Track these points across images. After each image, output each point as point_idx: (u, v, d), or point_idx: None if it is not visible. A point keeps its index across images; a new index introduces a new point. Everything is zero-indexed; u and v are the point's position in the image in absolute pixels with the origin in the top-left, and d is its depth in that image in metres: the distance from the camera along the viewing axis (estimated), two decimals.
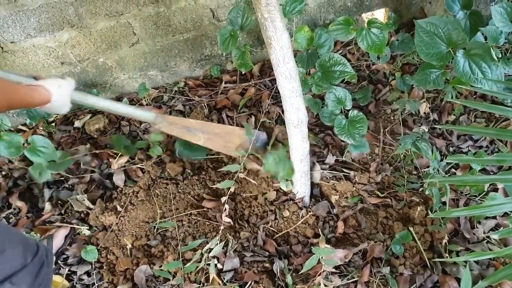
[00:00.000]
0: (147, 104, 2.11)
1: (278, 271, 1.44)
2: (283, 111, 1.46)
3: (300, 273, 1.40)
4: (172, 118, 1.54)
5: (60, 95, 1.14)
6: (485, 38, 1.61)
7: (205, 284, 1.43)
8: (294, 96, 1.35)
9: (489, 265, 1.41)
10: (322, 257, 1.32)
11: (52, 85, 1.13)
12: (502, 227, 1.48)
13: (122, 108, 1.43)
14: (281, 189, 1.65)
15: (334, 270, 1.40)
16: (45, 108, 1.12)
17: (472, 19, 1.55)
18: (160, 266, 1.49)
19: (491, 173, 1.65)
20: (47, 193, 1.78)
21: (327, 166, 1.75)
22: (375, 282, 1.38)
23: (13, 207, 1.78)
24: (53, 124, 2.10)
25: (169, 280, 1.45)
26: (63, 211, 1.75)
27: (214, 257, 1.43)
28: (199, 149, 1.73)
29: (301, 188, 1.61)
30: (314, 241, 1.52)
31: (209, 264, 1.42)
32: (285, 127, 1.47)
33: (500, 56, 1.67)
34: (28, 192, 1.83)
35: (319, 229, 1.55)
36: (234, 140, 1.58)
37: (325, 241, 1.44)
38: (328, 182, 1.69)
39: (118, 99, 2.17)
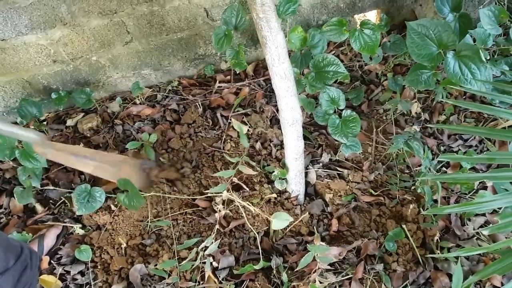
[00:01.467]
0: (140, 103, 2.11)
1: (274, 268, 1.45)
2: (277, 110, 1.48)
3: (295, 270, 1.42)
4: (60, 145, 1.42)
5: None
6: (474, 40, 1.65)
7: (201, 282, 1.43)
8: (289, 95, 1.37)
9: (479, 261, 1.44)
10: (317, 255, 1.34)
11: None
12: (491, 224, 1.52)
13: (13, 130, 1.28)
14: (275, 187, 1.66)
15: (328, 267, 1.42)
16: None
17: (461, 21, 1.58)
18: (155, 265, 1.49)
19: (481, 172, 1.68)
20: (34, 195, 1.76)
21: (321, 165, 1.77)
22: (369, 278, 1.40)
23: (4, 207, 1.76)
24: (45, 122, 2.08)
25: (164, 278, 1.46)
26: (55, 211, 1.73)
27: (209, 255, 1.44)
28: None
29: (295, 187, 1.63)
30: (309, 239, 1.53)
31: (204, 263, 1.43)
32: (279, 126, 1.48)
33: (488, 57, 1.72)
34: None
35: (314, 227, 1.57)
36: (127, 170, 1.50)
37: (319, 239, 1.46)
38: (322, 181, 1.71)
39: (112, 98, 2.16)
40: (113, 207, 1.67)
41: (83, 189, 1.49)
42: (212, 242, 1.40)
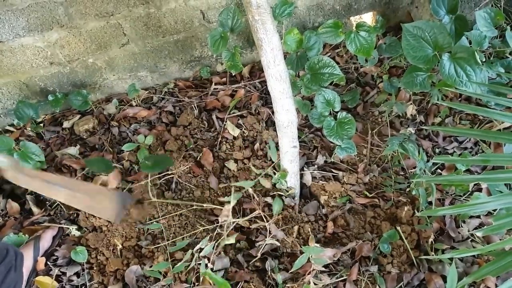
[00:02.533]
0: (136, 105, 2.11)
1: (269, 270, 1.45)
2: (273, 112, 1.48)
3: (290, 272, 1.42)
4: (31, 171, 1.35)
5: None
6: (470, 42, 1.66)
7: (196, 284, 1.43)
8: (284, 97, 1.37)
9: (473, 263, 1.44)
10: (311, 256, 1.34)
11: None
12: (485, 226, 1.52)
13: None
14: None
15: (323, 269, 1.42)
16: None
17: (457, 23, 1.59)
18: (151, 266, 1.49)
19: (476, 174, 1.69)
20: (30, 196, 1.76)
21: (316, 167, 1.77)
22: (364, 280, 1.41)
23: (1, 209, 1.76)
24: (42, 124, 2.08)
25: (159, 280, 1.46)
26: (51, 212, 1.74)
27: (204, 257, 1.44)
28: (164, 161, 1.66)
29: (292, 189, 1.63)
30: None
31: (200, 264, 1.43)
32: (275, 128, 1.49)
33: (484, 60, 1.72)
34: (17, 193, 1.81)
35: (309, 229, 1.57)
36: (103, 202, 1.41)
37: (314, 240, 1.47)
38: (317, 183, 1.71)
39: (108, 99, 2.17)
40: None
41: None
42: (207, 244, 1.40)
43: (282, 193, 1.62)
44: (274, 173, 1.65)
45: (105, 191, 1.46)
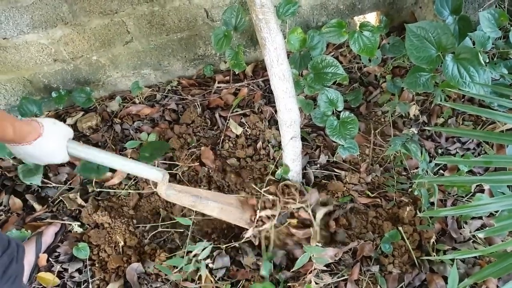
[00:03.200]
0: (140, 103, 2.12)
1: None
2: (276, 111, 1.48)
3: (291, 271, 1.42)
4: (181, 187, 1.34)
5: (53, 132, 1.02)
6: (473, 43, 1.66)
7: (198, 282, 1.44)
8: (287, 96, 1.38)
9: (474, 264, 1.44)
10: (313, 255, 1.34)
11: (46, 121, 1.03)
12: (487, 227, 1.52)
13: (132, 166, 1.18)
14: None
15: (325, 268, 1.42)
16: (35, 147, 0.98)
17: (460, 24, 1.59)
18: (154, 260, 1.49)
19: (478, 175, 1.69)
20: (31, 195, 1.77)
21: (319, 166, 1.78)
22: (365, 280, 1.41)
23: (4, 205, 1.77)
24: None
25: (160, 277, 1.46)
26: (54, 209, 1.74)
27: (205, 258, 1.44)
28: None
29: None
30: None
31: (200, 261, 1.43)
32: (278, 127, 1.49)
33: (487, 60, 1.72)
34: (19, 190, 1.82)
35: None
36: (248, 211, 1.45)
37: (316, 239, 1.47)
38: (320, 182, 1.71)
39: (111, 97, 2.17)
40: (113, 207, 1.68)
41: None
42: (205, 247, 1.39)
43: None
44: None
45: (236, 200, 1.46)
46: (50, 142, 1.02)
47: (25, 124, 0.97)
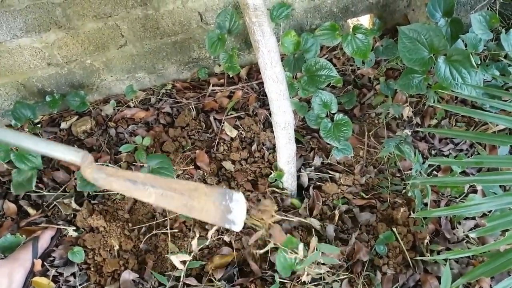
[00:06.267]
0: (134, 106, 2.11)
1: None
2: (270, 114, 1.49)
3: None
4: (114, 170, 1.19)
5: None
6: (465, 45, 1.67)
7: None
8: (281, 99, 1.38)
9: (468, 264, 1.46)
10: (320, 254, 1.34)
11: None
12: (480, 227, 1.54)
13: (43, 146, 1.07)
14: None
15: (325, 269, 1.42)
16: None
17: (453, 26, 1.61)
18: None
19: (471, 175, 1.70)
20: (25, 200, 1.76)
21: (313, 168, 1.78)
22: (360, 281, 1.41)
23: None
24: (39, 125, 2.08)
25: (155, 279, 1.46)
26: (49, 213, 1.74)
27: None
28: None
29: (288, 190, 1.64)
30: None
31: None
32: (272, 129, 1.49)
33: (479, 62, 1.74)
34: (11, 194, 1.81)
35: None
36: (199, 200, 1.16)
37: (315, 241, 1.47)
38: (314, 184, 1.72)
39: (106, 100, 2.17)
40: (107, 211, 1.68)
41: None
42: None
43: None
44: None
45: (203, 187, 1.29)
46: None
47: None
